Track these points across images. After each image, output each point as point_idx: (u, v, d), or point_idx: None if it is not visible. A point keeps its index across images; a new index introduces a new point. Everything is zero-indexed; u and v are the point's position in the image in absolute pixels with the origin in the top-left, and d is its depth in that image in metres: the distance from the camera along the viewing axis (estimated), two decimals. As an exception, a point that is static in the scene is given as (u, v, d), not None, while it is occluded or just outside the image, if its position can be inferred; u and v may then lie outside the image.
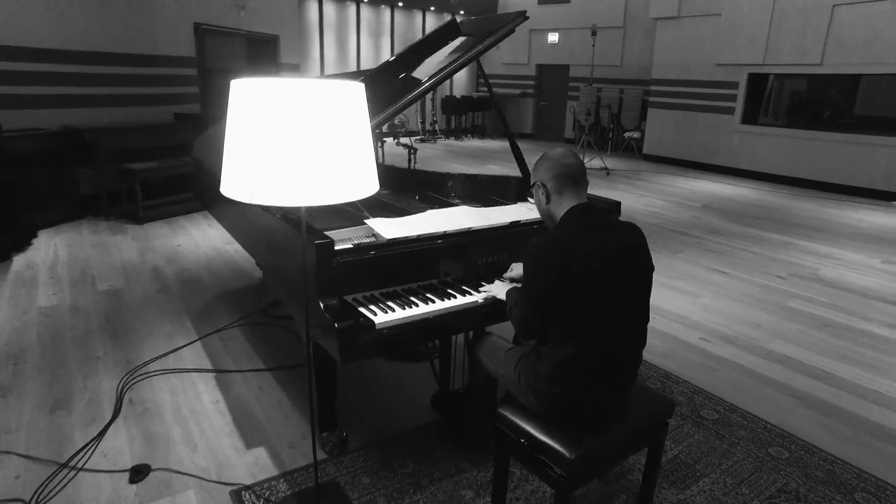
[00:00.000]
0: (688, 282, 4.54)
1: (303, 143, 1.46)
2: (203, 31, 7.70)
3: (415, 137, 13.48)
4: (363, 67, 12.93)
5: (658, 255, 5.19)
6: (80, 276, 4.26)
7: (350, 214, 2.60)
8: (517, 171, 2.95)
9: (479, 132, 14.93)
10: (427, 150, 11.83)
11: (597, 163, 10.04)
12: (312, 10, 12.13)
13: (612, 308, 1.66)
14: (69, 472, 2.19)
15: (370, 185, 1.62)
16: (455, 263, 2.23)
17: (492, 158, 10.90)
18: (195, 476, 2.20)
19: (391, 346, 2.01)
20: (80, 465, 2.23)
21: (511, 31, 2.64)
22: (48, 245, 4.96)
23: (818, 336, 3.63)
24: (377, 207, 2.78)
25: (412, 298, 2.04)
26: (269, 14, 9.10)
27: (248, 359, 3.13)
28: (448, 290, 2.13)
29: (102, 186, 5.85)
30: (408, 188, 3.26)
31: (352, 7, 12.78)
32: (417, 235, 2.12)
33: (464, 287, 2.17)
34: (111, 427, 2.49)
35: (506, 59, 14.67)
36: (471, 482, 2.20)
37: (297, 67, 10.34)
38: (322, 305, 1.87)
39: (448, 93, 14.70)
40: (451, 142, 13.65)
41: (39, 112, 5.62)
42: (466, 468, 2.28)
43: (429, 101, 13.93)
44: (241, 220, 2.88)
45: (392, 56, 3.03)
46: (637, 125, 11.76)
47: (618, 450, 1.83)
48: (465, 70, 14.63)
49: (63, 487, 2.11)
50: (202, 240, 5.32)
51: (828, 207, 7.55)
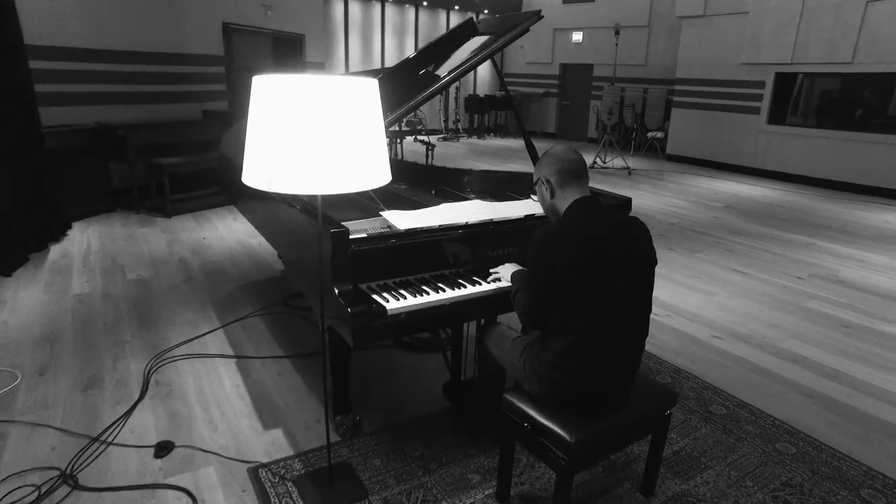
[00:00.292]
0: (704, 281, 4.54)
1: (318, 135, 1.55)
2: (231, 31, 7.90)
3: (437, 136, 13.58)
4: (387, 66, 13.06)
5: (676, 255, 5.19)
6: (111, 266, 4.45)
7: (367, 207, 2.70)
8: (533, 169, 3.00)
9: (502, 131, 14.96)
10: (450, 149, 11.90)
11: (618, 162, 10.00)
12: (338, 10, 12.31)
13: (614, 298, 1.71)
14: (100, 446, 2.33)
15: (382, 176, 1.70)
16: (467, 255, 2.30)
17: (513, 157, 10.93)
18: (215, 453, 2.32)
19: (402, 332, 2.10)
20: (110, 440, 2.37)
21: (526, 31, 2.71)
22: (82, 236, 5.17)
23: (835, 336, 3.61)
24: (394, 200, 2.86)
25: (424, 287, 2.12)
26: (296, 13, 9.28)
27: (268, 346, 3.25)
28: (458, 280, 2.21)
29: (133, 180, 6.06)
30: (424, 183, 3.35)
31: (377, 6, 12.93)
32: (430, 227, 2.20)
33: (474, 277, 2.24)
34: (138, 406, 2.63)
35: (529, 59, 14.68)
36: (478, 467, 2.27)
37: (323, 66, 10.51)
38: (337, 291, 1.96)
39: (471, 91, 14.76)
40: (474, 140, 13.70)
41: (75, 109, 5.85)
42: (474, 454, 2.35)
43: (452, 100, 14.02)
44: (266, 215, 2.99)
45: (410, 54, 3.12)
46: (661, 125, 11.66)
47: (618, 436, 1.89)
48: (488, 69, 14.67)
49: (94, 459, 2.25)
50: (227, 233, 5.48)
51: (855, 209, 7.42)
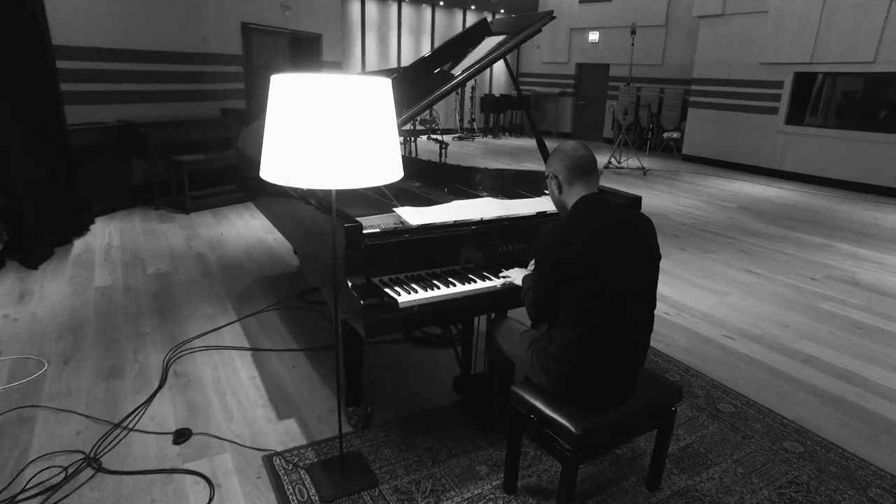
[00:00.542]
0: (717, 281, 4.53)
1: (334, 132, 1.61)
2: (250, 30, 8.01)
3: (452, 135, 13.63)
4: (403, 65, 13.14)
5: (689, 255, 5.18)
6: (132, 260, 4.56)
7: (380, 203, 2.75)
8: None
9: (517, 130, 14.97)
10: (465, 148, 11.95)
11: (633, 162, 9.97)
12: (355, 9, 12.41)
13: (618, 293, 1.75)
14: (122, 432, 2.41)
15: (394, 172, 1.76)
16: (477, 251, 2.35)
17: (528, 157, 10.94)
18: (231, 441, 2.39)
19: (413, 325, 2.15)
20: (131, 426, 2.46)
21: (538, 31, 2.74)
22: (104, 231, 5.31)
23: (848, 338, 3.59)
24: (407, 197, 2.92)
25: (434, 281, 2.17)
26: (313, 13, 9.39)
27: (283, 339, 3.33)
28: (469, 276, 2.25)
29: (153, 177, 6.19)
30: (437, 181, 3.40)
31: (393, 6, 13.01)
32: (442, 223, 2.25)
33: (484, 273, 2.28)
34: (158, 395, 2.71)
35: (546, 59, 14.67)
36: (486, 459, 2.32)
37: (339, 65, 10.61)
38: (350, 284, 2.02)
39: (487, 91, 14.79)
40: (489, 140, 13.73)
41: (99, 107, 6.00)
42: (483, 446, 2.40)
43: (467, 99, 14.06)
44: (282, 211, 3.07)
45: (424, 54, 3.17)
46: (677, 125, 11.60)
47: (623, 429, 1.92)
48: (503, 69, 14.68)
49: (117, 444, 2.33)
50: (244, 229, 5.58)
51: (875, 211, 7.33)
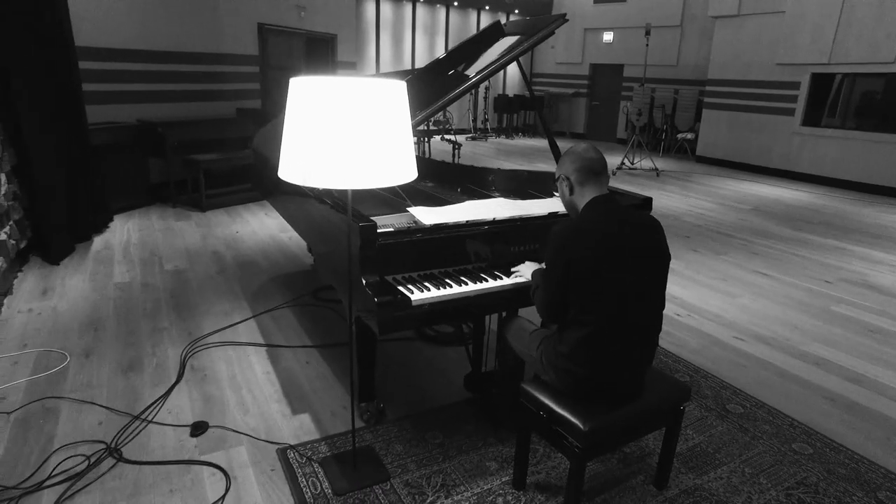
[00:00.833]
0: (728, 282, 4.53)
1: (351, 134, 1.65)
2: (266, 31, 8.11)
3: (466, 135, 13.67)
4: (417, 66, 13.22)
5: (700, 256, 5.17)
6: (149, 257, 4.65)
7: (395, 203, 2.80)
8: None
9: (531, 131, 14.98)
10: (478, 148, 11.98)
11: (647, 163, 9.94)
12: (369, 10, 12.48)
13: (627, 293, 1.77)
14: (141, 424, 2.48)
15: (409, 173, 1.80)
16: (489, 250, 2.39)
17: (541, 157, 10.95)
18: (247, 434, 2.45)
19: (426, 323, 2.19)
20: (150, 418, 2.52)
21: (551, 33, 2.77)
22: (122, 228, 5.41)
23: (860, 341, 3.58)
24: (421, 197, 2.97)
25: (447, 280, 2.21)
26: (328, 14, 9.47)
27: (297, 336, 3.39)
28: (481, 275, 2.29)
29: (170, 176, 6.29)
30: (450, 181, 3.44)
31: (408, 6, 13.07)
32: (455, 223, 2.29)
33: (496, 272, 2.32)
34: (175, 388, 2.78)
35: (560, 59, 14.66)
36: (496, 455, 2.35)
37: (354, 66, 10.68)
38: (364, 282, 2.07)
39: (500, 91, 14.81)
40: (502, 140, 13.75)
41: (118, 107, 6.12)
42: (493, 443, 2.43)
43: (481, 100, 14.09)
44: (298, 210, 3.12)
45: (439, 56, 3.21)
46: (691, 126, 11.54)
47: (631, 427, 1.95)
48: (517, 69, 14.68)
49: (136, 435, 2.40)
50: (258, 227, 5.66)
51: (890, 213, 7.25)
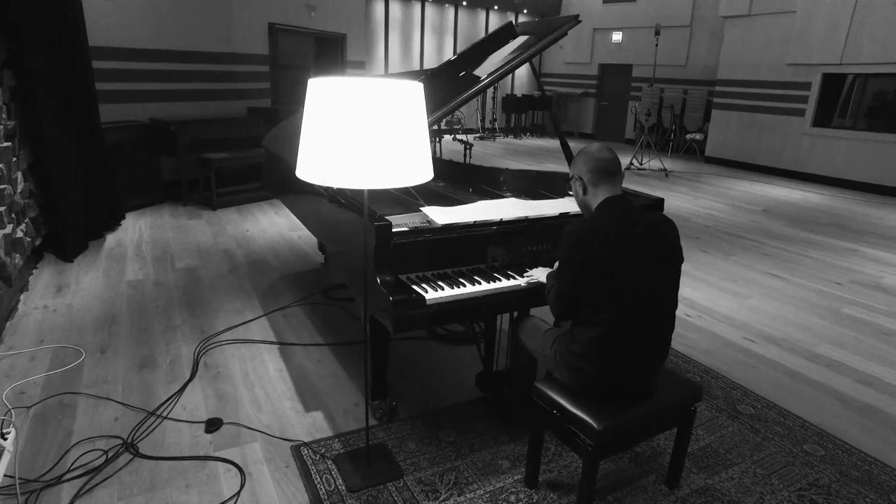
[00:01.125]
0: (738, 284, 4.52)
1: (369, 134, 1.67)
2: (277, 31, 8.15)
3: (474, 135, 13.68)
4: (426, 65, 13.24)
5: (710, 257, 5.16)
6: (162, 255, 4.70)
7: (408, 203, 2.82)
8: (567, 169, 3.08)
9: (539, 131, 14.96)
10: (487, 148, 11.98)
11: (656, 164, 9.91)
12: (379, 9, 12.52)
13: (640, 293, 1.78)
14: (156, 420, 2.51)
15: (425, 173, 1.82)
16: (502, 250, 2.40)
17: (550, 157, 10.94)
18: (260, 431, 2.47)
19: (439, 321, 2.20)
20: (165, 415, 2.55)
21: (564, 35, 2.78)
22: (135, 226, 5.46)
23: (872, 343, 3.56)
24: (433, 197, 2.98)
25: (461, 279, 2.23)
26: (338, 14, 9.51)
27: (309, 334, 3.41)
28: (494, 274, 2.31)
29: (182, 174, 6.34)
30: (463, 181, 3.46)
31: (416, 6, 13.09)
32: (468, 222, 2.31)
33: (509, 272, 2.33)
34: (189, 385, 2.81)
35: (568, 59, 14.63)
36: (508, 454, 2.37)
37: (363, 65, 10.72)
38: (379, 281, 2.09)
39: (509, 91, 14.81)
40: (510, 140, 13.75)
41: (131, 106, 6.17)
42: (505, 441, 2.45)
43: (489, 100, 14.09)
44: (310, 210, 3.15)
45: (452, 56, 3.23)
46: (700, 126, 11.49)
47: (644, 426, 1.96)
48: (526, 70, 14.69)
49: (152, 431, 2.43)
50: (269, 226, 5.70)
51: (902, 216, 7.22)
